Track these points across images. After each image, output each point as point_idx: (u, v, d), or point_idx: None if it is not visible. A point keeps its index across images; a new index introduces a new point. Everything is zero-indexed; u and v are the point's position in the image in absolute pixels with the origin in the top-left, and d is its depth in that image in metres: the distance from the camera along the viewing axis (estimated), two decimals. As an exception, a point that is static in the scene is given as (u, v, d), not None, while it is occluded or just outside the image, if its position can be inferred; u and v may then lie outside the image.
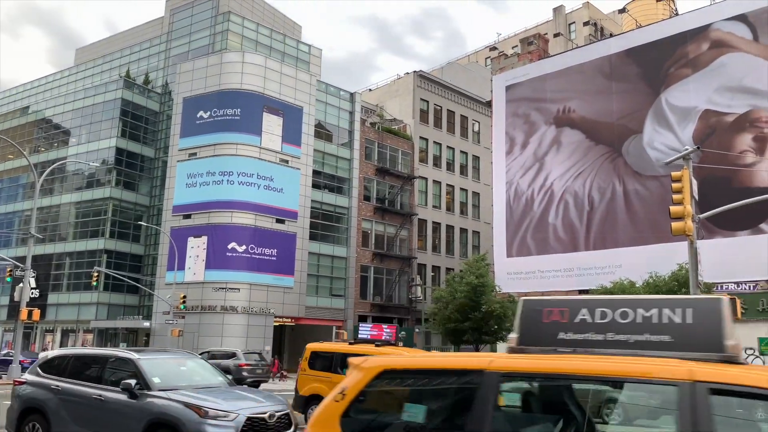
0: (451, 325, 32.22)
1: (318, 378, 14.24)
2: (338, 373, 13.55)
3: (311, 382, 14.36)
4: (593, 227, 38.33)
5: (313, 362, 14.84)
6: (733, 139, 33.32)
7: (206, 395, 8.86)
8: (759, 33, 33.44)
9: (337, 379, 13.94)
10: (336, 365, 14.23)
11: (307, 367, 14.86)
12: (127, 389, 8.83)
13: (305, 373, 14.79)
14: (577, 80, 40.78)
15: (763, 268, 31.42)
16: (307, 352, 15.05)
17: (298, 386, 14.77)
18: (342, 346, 15.40)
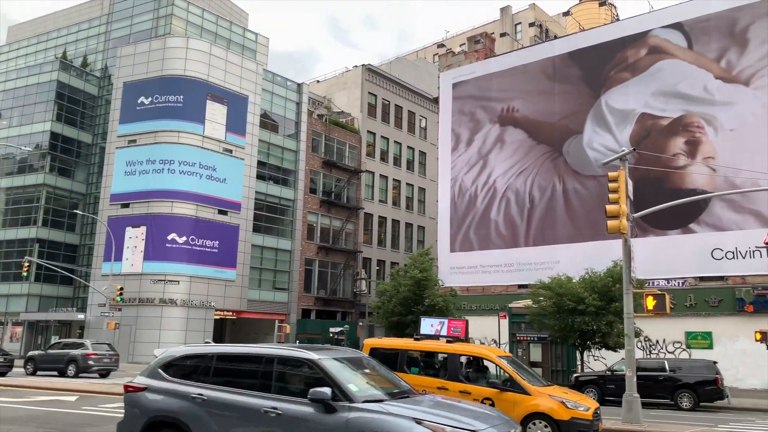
0: (394, 318, 32.41)
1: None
2: (405, 373, 12.49)
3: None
4: (533, 224, 39.28)
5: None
6: (667, 142, 34.73)
7: (426, 408, 7.07)
8: (693, 41, 34.94)
9: (405, 378, 12.58)
10: (402, 364, 13.00)
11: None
12: (320, 400, 6.88)
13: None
14: (522, 80, 41.62)
15: (692, 265, 32.97)
16: (365, 349, 13.42)
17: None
18: (408, 342, 13.91)
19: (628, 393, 15.45)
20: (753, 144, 30.40)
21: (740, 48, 33.22)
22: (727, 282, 31.91)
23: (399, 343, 14.14)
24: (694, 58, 34.72)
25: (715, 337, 31.40)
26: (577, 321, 26.49)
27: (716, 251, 32.11)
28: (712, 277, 32.50)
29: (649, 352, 32.51)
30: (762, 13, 32.77)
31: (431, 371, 13.18)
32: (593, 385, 24.05)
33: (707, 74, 34.03)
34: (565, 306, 26.88)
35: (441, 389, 12.18)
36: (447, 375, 12.77)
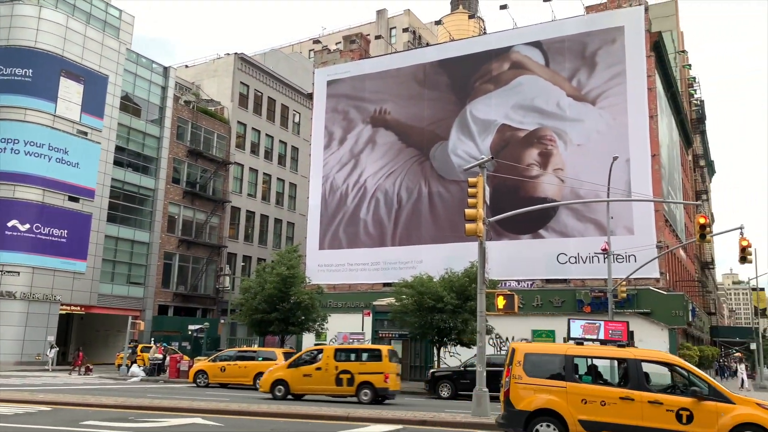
0: (257, 316, 31.78)
1: (546, 388, 11.62)
2: (575, 381, 11.68)
3: (537, 393, 11.62)
4: (400, 224, 40.38)
5: (531, 368, 11.91)
6: (523, 152, 37.20)
7: None
8: (550, 60, 37.73)
9: (575, 389, 11.47)
10: (570, 372, 11.87)
11: (524, 373, 11.84)
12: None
13: (521, 381, 11.80)
14: (394, 84, 42.61)
15: (540, 268, 35.60)
16: (519, 354, 12.05)
17: (511, 398, 11.77)
18: (570, 347, 12.37)
19: (478, 387, 16.34)
20: (596, 159, 33.40)
21: (589, 70, 36.38)
22: (570, 284, 34.83)
23: (560, 348, 12.66)
24: (550, 76, 37.51)
25: (558, 335, 34.09)
26: (436, 318, 27.63)
27: (561, 256, 34.94)
28: (557, 279, 35.33)
29: (500, 349, 34.62)
30: (608, 39, 36.12)
31: (604, 380, 12.36)
32: (448, 380, 25.16)
33: (561, 92, 36.91)
34: (426, 304, 27.91)
35: (625, 399, 11.18)
36: (629, 384, 11.54)
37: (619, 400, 11.24)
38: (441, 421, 14.79)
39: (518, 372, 11.88)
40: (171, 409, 16.10)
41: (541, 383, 11.75)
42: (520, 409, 11.63)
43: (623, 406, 11.20)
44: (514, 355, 12.09)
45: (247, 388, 25.83)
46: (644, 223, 33.38)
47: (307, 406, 17.84)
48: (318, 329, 33.67)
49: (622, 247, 31.76)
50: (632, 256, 31.65)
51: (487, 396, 16.12)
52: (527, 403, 11.60)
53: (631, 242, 32.34)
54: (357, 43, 47.04)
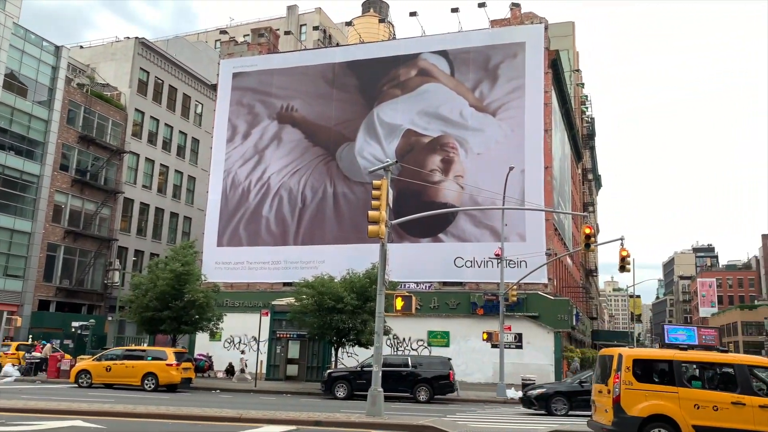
0: (148, 313, 30.36)
1: (659, 394, 11.72)
2: (685, 386, 11.73)
3: (649, 399, 11.67)
4: (303, 223, 40.08)
5: (641, 373, 12.00)
6: (426, 158, 38.08)
7: None
8: (455, 69, 38.88)
9: (687, 394, 11.60)
10: (681, 377, 11.91)
11: (633, 379, 11.90)
12: None
13: (632, 387, 11.83)
14: (303, 81, 42.26)
15: (438, 271, 36.57)
16: (627, 360, 12.02)
17: (622, 404, 11.72)
18: (677, 353, 12.42)
19: (373, 387, 16.53)
20: (495, 168, 34.79)
21: (492, 82, 37.85)
22: (465, 287, 36.04)
23: (667, 353, 12.58)
24: (455, 85, 38.66)
25: (452, 336, 35.22)
26: (336, 319, 27.66)
27: (458, 259, 36.08)
28: (454, 282, 36.44)
29: (397, 349, 35.23)
30: (510, 54, 37.76)
31: (713, 385, 12.21)
32: (344, 380, 25.25)
33: (464, 101, 38.14)
34: (326, 304, 27.87)
35: (737, 404, 11.36)
36: (740, 389, 11.62)
37: (731, 405, 11.42)
38: (335, 422, 14.83)
39: (628, 378, 11.91)
40: (48, 411, 15.07)
41: (653, 389, 11.86)
42: (633, 415, 11.63)
43: (735, 411, 11.41)
44: (621, 361, 12.07)
45: (135, 389, 24.66)
46: (535, 230, 35.16)
47: (197, 407, 17.29)
48: (213, 329, 32.70)
49: (515, 253, 33.29)
50: (523, 261, 33.25)
51: (381, 396, 16.34)
52: (640, 410, 11.63)
53: (523, 249, 33.96)
54: (266, 37, 46.22)
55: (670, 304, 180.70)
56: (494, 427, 16.20)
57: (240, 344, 38.04)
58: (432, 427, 14.15)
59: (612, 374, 12.10)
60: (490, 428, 16.00)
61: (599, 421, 12.49)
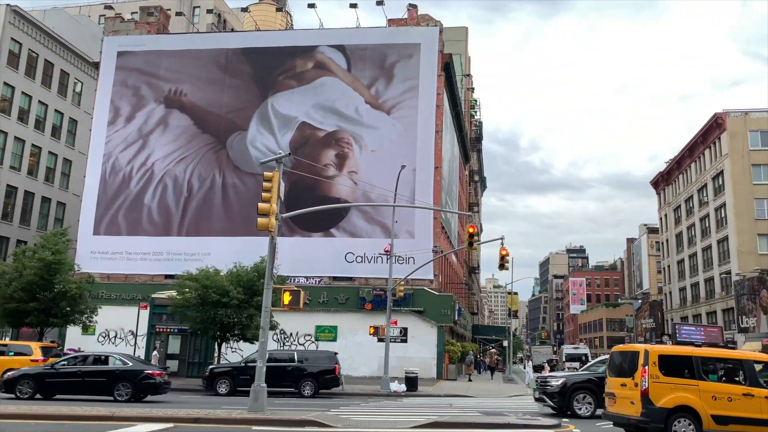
0: (12, 305, 27.89)
1: (683, 387, 12.87)
2: (704, 380, 13.02)
3: (674, 392, 12.79)
4: (189, 214, 38.57)
5: (666, 368, 13.02)
6: (321, 152, 37.92)
7: None
8: (352, 65, 39.00)
9: (706, 387, 12.86)
10: (699, 372, 13.06)
11: (660, 373, 12.91)
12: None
13: (659, 380, 12.86)
14: (193, 65, 40.62)
15: (329, 266, 36.58)
16: (653, 355, 13.06)
17: (651, 396, 12.67)
18: (694, 349, 13.85)
19: (256, 383, 16.21)
20: (388, 165, 35.28)
21: (387, 80, 38.35)
22: (355, 282, 36.32)
23: (687, 350, 13.99)
24: (351, 81, 38.78)
25: (340, 331, 35.38)
26: (220, 313, 26.85)
27: (349, 255, 36.29)
28: (344, 277, 36.61)
29: (283, 344, 34.85)
30: (406, 54, 38.44)
31: (726, 378, 13.64)
32: (227, 376, 24.61)
33: (360, 97, 38.36)
34: (210, 298, 26.98)
35: (747, 395, 12.76)
36: (748, 381, 13.08)
37: (742, 396, 12.81)
38: (216, 418, 14.40)
39: (655, 372, 12.92)
40: None
41: (678, 382, 12.94)
42: (660, 406, 12.64)
43: (746, 402, 12.77)
44: (648, 356, 13.06)
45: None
46: (424, 228, 36.11)
47: (66, 406, 16.13)
48: (86, 322, 30.66)
49: (404, 250, 34.00)
50: (412, 258, 34.04)
51: (264, 391, 16.07)
52: (666, 401, 12.68)
53: (412, 245, 34.77)
54: (155, 16, 43.91)
55: (545, 301, 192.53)
56: (375, 420, 16.46)
57: (116, 338, 35.98)
58: (315, 421, 14.12)
59: (639, 368, 13.04)
60: (372, 420, 16.25)
61: (623, 413, 13.34)
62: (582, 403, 18.40)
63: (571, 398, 18.38)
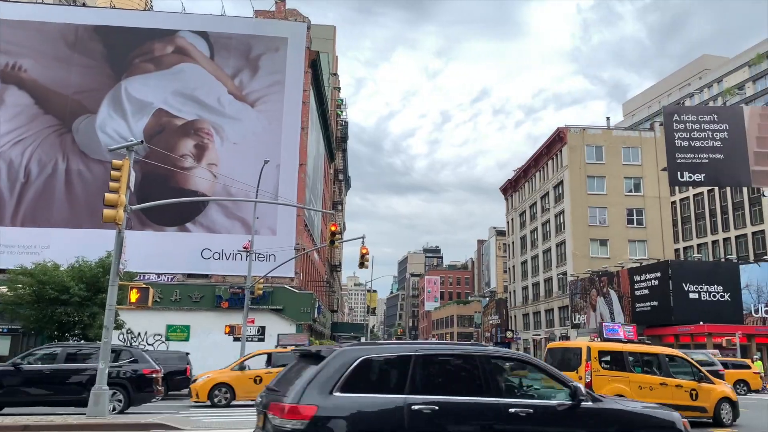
0: None
1: (617, 378, 14.65)
2: (632, 372, 14.85)
3: (611, 383, 14.51)
4: (25, 202, 35.02)
5: (604, 362, 14.86)
6: (178, 141, 36.15)
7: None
8: (215, 53, 37.61)
9: (634, 378, 14.64)
10: (628, 365, 14.95)
11: (600, 367, 14.70)
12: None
13: (599, 373, 14.63)
14: (37, 39, 36.94)
15: (183, 262, 34.98)
16: (594, 351, 14.87)
17: (594, 388, 13.75)
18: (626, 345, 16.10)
19: (97, 386, 15.08)
20: (250, 159, 34.47)
21: (252, 72, 37.46)
22: (211, 280, 35.06)
23: (618, 346, 15.76)
24: (214, 69, 37.38)
25: (193, 330, 33.96)
26: (59, 311, 24.67)
27: (206, 251, 34.97)
28: (199, 274, 35.20)
29: (130, 344, 32.75)
30: (273, 47, 37.80)
31: (647, 370, 15.29)
32: None
33: (222, 87, 37.10)
34: (47, 295, 24.66)
35: (663, 385, 14.80)
36: (662, 372, 15.10)
37: (659, 386, 14.79)
38: (49, 425, 13.18)
39: (596, 366, 14.67)
40: None
41: (614, 374, 14.74)
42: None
43: (662, 390, 14.74)
44: (590, 352, 14.81)
45: None
46: (286, 225, 35.74)
47: None
48: None
49: (265, 247, 33.41)
50: (273, 255, 33.54)
51: (106, 394, 14.94)
52: (605, 392, 13.86)
53: (273, 242, 34.27)
54: (-9, -20, 39.27)
55: (402, 299, 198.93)
56: (227, 421, 16.03)
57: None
58: (162, 424, 13.42)
59: (583, 363, 14.70)
60: (223, 422, 15.79)
61: None
62: None
63: None
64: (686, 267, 47.84)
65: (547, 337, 70.42)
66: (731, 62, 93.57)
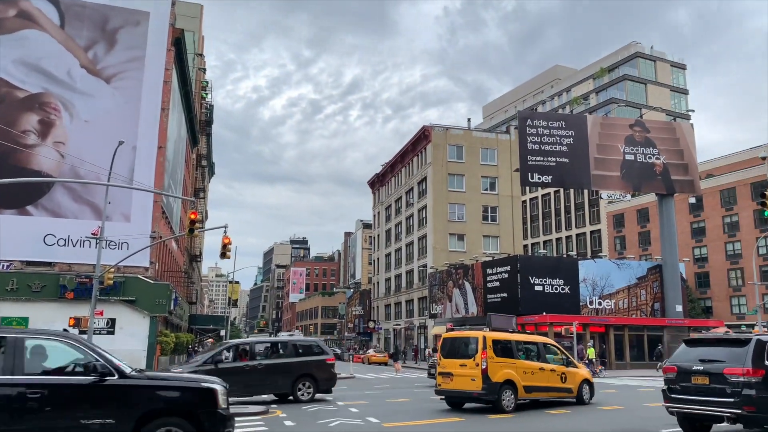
0: None
1: (508, 364, 16.34)
2: (518, 359, 16.78)
3: (503, 369, 16.12)
4: None
5: (497, 350, 16.39)
6: (20, 116, 32.72)
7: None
8: (66, 22, 34.44)
9: (520, 364, 16.65)
10: (516, 352, 16.90)
11: (494, 355, 16.16)
12: None
13: (494, 360, 16.06)
14: None
15: (22, 248, 31.78)
16: (489, 340, 16.31)
17: (489, 374, 15.81)
18: (514, 335, 17.95)
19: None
20: (103, 139, 31.94)
21: (108, 46, 34.76)
22: (54, 268, 32.18)
23: (509, 336, 17.49)
24: (64, 39, 34.24)
25: (32, 323, 30.93)
26: None
27: (49, 237, 32.03)
28: (41, 262, 32.17)
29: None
30: (133, 21, 35.33)
31: (528, 356, 17.31)
32: None
33: (74, 60, 34.08)
34: None
35: (541, 369, 16.98)
36: (540, 359, 17.28)
37: (538, 370, 16.99)
38: None
39: (491, 354, 16.14)
40: None
41: (505, 361, 16.33)
42: (495, 381, 15.89)
43: (540, 374, 16.99)
44: (486, 341, 16.26)
45: None
46: (142, 212, 33.67)
47: None
48: None
49: (117, 234, 31.29)
50: (126, 243, 31.48)
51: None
52: (498, 377, 15.95)
53: (127, 229, 32.16)
54: None
55: (266, 290, 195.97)
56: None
57: None
58: None
59: (479, 351, 16.10)
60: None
61: (464, 389, 16.20)
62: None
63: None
64: (533, 261, 51.72)
65: (407, 326, 72.88)
66: (579, 74, 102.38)
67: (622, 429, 13.18)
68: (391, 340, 78.47)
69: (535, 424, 14.22)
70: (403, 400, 19.78)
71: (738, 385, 10.20)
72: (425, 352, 56.97)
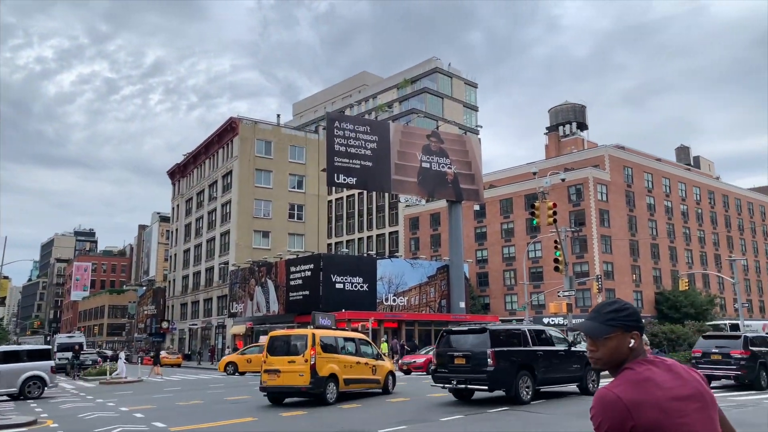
0: None
1: (332, 359, 17.62)
2: (341, 354, 18.26)
3: (328, 363, 17.38)
4: None
5: (323, 347, 17.56)
6: None
7: None
8: None
9: (341, 359, 18.11)
10: (338, 347, 18.40)
11: (321, 351, 17.31)
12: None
13: (321, 356, 17.18)
14: None
15: None
16: (316, 338, 17.39)
17: (317, 368, 16.91)
18: (336, 332, 20.17)
19: None
20: None
21: None
22: None
23: (333, 332, 19.42)
24: None
25: None
26: None
27: None
28: None
29: None
30: None
31: (349, 351, 18.84)
32: None
33: None
34: None
35: (358, 363, 18.76)
36: (357, 353, 19.14)
37: (355, 364, 18.48)
38: None
39: (319, 350, 17.15)
40: None
41: (329, 357, 17.48)
42: (322, 375, 16.95)
43: (357, 367, 18.53)
44: (314, 338, 17.26)
45: None
46: None
47: None
48: None
49: None
50: None
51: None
52: (324, 371, 17.06)
53: None
54: None
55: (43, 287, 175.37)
56: None
57: None
58: None
59: (308, 348, 17.06)
60: None
61: (293, 384, 16.98)
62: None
63: None
64: (335, 260, 53.02)
65: (203, 326, 70.12)
66: (385, 82, 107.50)
67: (411, 419, 14.05)
68: (187, 341, 74.98)
69: (333, 416, 14.56)
70: (195, 403, 19.01)
71: (737, 360, 19.34)
72: (224, 352, 55.40)
